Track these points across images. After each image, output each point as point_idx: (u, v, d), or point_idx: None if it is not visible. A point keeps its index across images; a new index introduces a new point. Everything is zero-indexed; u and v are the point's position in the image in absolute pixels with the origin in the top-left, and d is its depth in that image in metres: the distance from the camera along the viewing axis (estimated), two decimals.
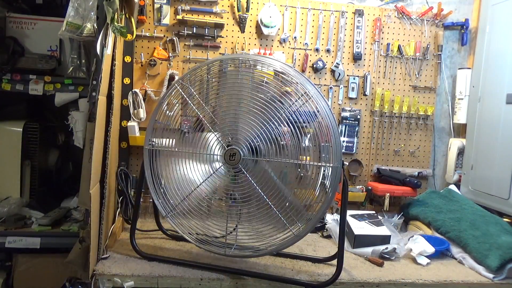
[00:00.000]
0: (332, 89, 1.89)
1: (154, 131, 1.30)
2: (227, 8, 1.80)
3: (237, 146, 1.22)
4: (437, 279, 1.32)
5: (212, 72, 1.28)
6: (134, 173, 1.70)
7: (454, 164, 1.93)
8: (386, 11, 1.90)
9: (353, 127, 1.90)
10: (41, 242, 1.62)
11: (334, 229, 1.59)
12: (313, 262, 1.41)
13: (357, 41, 1.88)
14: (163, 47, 1.78)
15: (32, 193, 1.80)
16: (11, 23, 1.77)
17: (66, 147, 1.99)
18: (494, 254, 1.37)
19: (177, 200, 1.29)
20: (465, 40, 1.95)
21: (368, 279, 1.29)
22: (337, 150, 1.17)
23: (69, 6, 1.51)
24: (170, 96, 1.29)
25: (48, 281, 1.65)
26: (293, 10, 1.84)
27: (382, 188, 1.81)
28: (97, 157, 1.28)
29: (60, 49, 1.80)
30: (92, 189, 1.22)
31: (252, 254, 1.28)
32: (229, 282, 1.24)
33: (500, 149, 1.68)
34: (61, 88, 1.71)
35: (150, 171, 1.30)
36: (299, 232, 1.21)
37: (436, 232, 1.63)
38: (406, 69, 1.93)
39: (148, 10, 1.75)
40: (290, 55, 1.86)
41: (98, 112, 1.27)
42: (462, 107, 1.91)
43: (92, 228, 1.23)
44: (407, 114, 1.93)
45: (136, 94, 1.72)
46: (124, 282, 1.20)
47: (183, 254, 1.39)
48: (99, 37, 1.30)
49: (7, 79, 1.68)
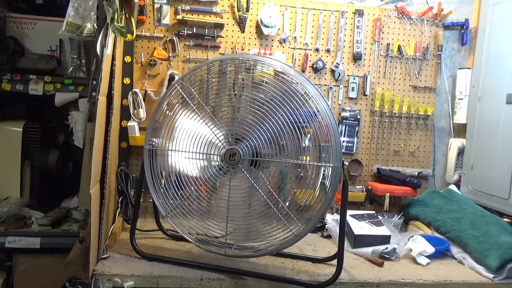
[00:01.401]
0: (332, 89, 1.89)
1: (154, 131, 1.30)
2: (227, 8, 1.80)
3: (237, 146, 1.23)
4: (437, 279, 1.32)
5: (212, 72, 1.28)
6: (134, 173, 1.70)
7: (454, 164, 1.93)
8: (386, 11, 1.90)
9: (353, 127, 1.90)
10: (41, 242, 1.63)
11: (334, 229, 1.59)
12: (313, 262, 1.41)
13: (357, 41, 1.88)
14: (163, 47, 1.78)
15: (32, 193, 1.80)
16: (11, 23, 1.77)
17: (66, 147, 2.00)
18: (494, 254, 1.37)
19: (177, 200, 1.29)
20: (465, 40, 1.95)
21: (368, 279, 1.29)
22: (337, 150, 1.17)
23: (69, 6, 1.51)
24: (170, 96, 1.29)
25: (48, 281, 1.65)
26: (293, 10, 1.84)
27: (382, 188, 1.81)
28: (97, 157, 1.28)
29: (60, 49, 1.80)
30: (92, 189, 1.22)
31: (252, 254, 1.28)
32: (229, 282, 1.24)
33: (500, 149, 1.68)
34: (61, 88, 1.72)
35: (150, 171, 1.30)
36: (299, 232, 1.21)
37: (436, 232, 1.63)
38: (406, 69, 1.93)
39: (148, 10, 1.75)
40: (290, 55, 1.86)
41: (98, 112, 1.27)
42: (462, 107, 1.92)
43: (92, 228, 1.23)
44: (407, 114, 1.93)
45: (136, 94, 1.72)
46: (124, 282, 1.20)
47: (183, 254, 1.39)
48: (99, 37, 1.30)
49: (7, 79, 1.68)
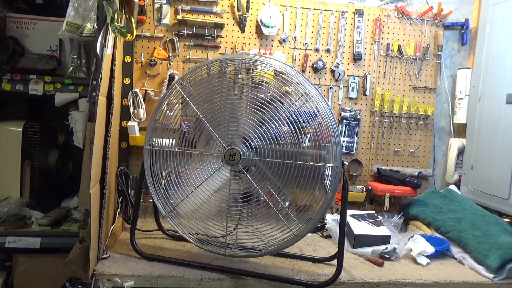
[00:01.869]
0: (332, 89, 1.89)
1: (154, 131, 1.30)
2: (227, 8, 1.80)
3: (237, 146, 1.22)
4: (437, 279, 1.32)
5: (212, 72, 1.28)
6: (134, 173, 1.70)
7: (454, 164, 1.93)
8: (386, 11, 1.90)
9: (353, 127, 1.90)
10: (41, 242, 1.63)
11: (334, 229, 1.59)
12: (313, 262, 1.41)
13: (357, 41, 1.88)
14: (163, 47, 1.78)
15: (32, 193, 1.80)
16: (11, 23, 1.77)
17: (66, 147, 1.99)
18: (494, 254, 1.37)
19: (177, 200, 1.29)
20: (465, 40, 1.95)
21: (368, 279, 1.29)
22: (337, 150, 1.17)
23: (69, 6, 1.51)
24: (170, 96, 1.29)
25: (48, 281, 1.65)
26: (293, 10, 1.84)
27: (382, 188, 1.81)
28: (97, 157, 1.28)
29: (60, 49, 1.80)
30: (92, 189, 1.22)
31: (252, 254, 1.28)
32: (229, 282, 1.24)
33: (500, 149, 1.68)
34: (61, 88, 1.72)
35: (150, 171, 1.30)
36: (299, 232, 1.21)
37: (436, 232, 1.63)
38: (406, 69, 1.93)
39: (148, 10, 1.75)
40: (290, 55, 1.86)
41: (98, 112, 1.27)
42: (462, 107, 1.91)
43: (92, 228, 1.23)
44: (407, 114, 1.93)
45: (136, 94, 1.72)
46: (124, 282, 1.20)
47: (183, 254, 1.39)
48: (99, 37, 1.30)
49: (7, 79, 1.68)
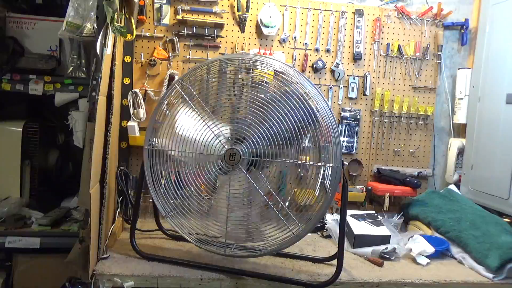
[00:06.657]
0: (332, 89, 1.89)
1: (154, 131, 1.30)
2: (227, 8, 1.80)
3: (237, 146, 1.22)
4: (437, 279, 1.32)
5: (212, 72, 1.28)
6: (134, 173, 1.70)
7: (454, 164, 1.93)
8: (386, 11, 1.90)
9: (353, 127, 1.90)
10: (41, 242, 1.62)
11: (334, 229, 1.59)
12: (313, 262, 1.41)
13: (357, 41, 1.88)
14: (163, 47, 1.77)
15: (32, 193, 1.80)
16: (11, 23, 1.77)
17: (66, 147, 1.99)
18: (494, 254, 1.37)
19: (177, 200, 1.29)
20: (465, 40, 1.95)
21: (368, 279, 1.29)
22: (337, 150, 1.17)
23: (69, 6, 1.51)
24: (170, 96, 1.29)
25: (48, 281, 1.65)
26: (293, 10, 1.84)
27: (382, 188, 1.81)
28: (97, 157, 1.28)
29: (60, 49, 1.80)
30: (92, 189, 1.22)
31: (252, 254, 1.28)
32: (229, 282, 1.24)
33: (500, 149, 1.67)
34: (61, 88, 1.71)
35: (150, 171, 1.30)
36: (299, 232, 1.21)
37: (436, 232, 1.63)
38: (406, 69, 1.93)
39: (148, 10, 1.75)
40: (290, 55, 1.86)
41: (98, 112, 1.27)
42: (462, 107, 1.91)
43: (92, 228, 1.23)
44: (407, 114, 1.93)
45: (136, 94, 1.71)
46: (124, 282, 1.20)
47: (183, 254, 1.39)
48: (99, 37, 1.30)
49: (7, 79, 1.68)
